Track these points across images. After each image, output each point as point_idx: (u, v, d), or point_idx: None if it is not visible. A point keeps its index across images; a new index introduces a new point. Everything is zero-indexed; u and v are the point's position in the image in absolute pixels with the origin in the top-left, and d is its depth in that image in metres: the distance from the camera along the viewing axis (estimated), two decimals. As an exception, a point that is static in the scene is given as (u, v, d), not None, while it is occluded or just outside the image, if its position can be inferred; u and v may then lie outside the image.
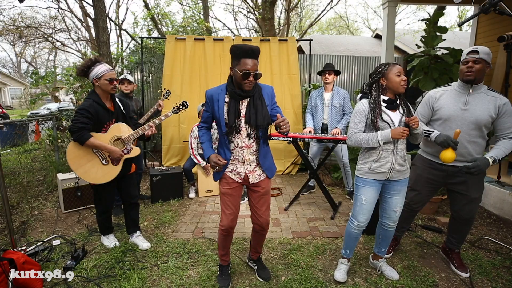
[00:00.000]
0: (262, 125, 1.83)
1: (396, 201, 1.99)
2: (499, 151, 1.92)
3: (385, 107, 1.90)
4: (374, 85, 1.92)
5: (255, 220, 2.04)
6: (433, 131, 2.03)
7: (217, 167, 1.87)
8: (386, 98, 1.90)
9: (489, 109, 1.92)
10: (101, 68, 2.26)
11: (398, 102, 1.92)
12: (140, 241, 2.65)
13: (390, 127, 1.86)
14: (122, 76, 3.39)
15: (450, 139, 1.91)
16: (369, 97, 1.93)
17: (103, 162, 2.36)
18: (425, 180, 2.18)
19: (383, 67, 1.90)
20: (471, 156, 2.00)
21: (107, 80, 2.26)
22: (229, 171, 1.95)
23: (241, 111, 1.85)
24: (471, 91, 1.98)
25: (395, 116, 1.90)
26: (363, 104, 1.93)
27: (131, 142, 2.45)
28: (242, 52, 1.75)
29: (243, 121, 1.85)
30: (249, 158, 1.92)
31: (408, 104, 1.94)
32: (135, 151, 2.48)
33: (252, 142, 1.90)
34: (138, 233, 2.70)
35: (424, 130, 2.05)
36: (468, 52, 1.96)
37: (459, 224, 2.18)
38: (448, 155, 1.91)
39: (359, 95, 2.03)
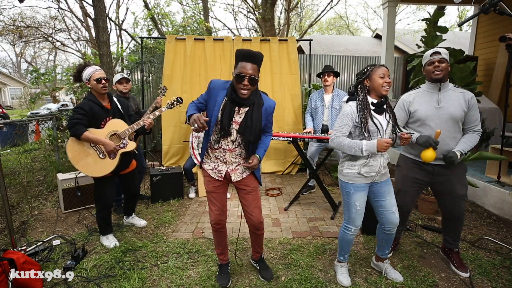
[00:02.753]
0: (252, 142, 1.84)
1: (390, 201, 1.97)
2: (465, 145, 2.03)
3: (373, 110, 1.87)
4: (359, 86, 1.91)
5: (247, 219, 2.05)
6: (413, 133, 2.09)
7: (196, 125, 1.67)
8: (374, 101, 1.88)
9: (460, 104, 2.02)
10: (89, 70, 2.43)
11: (384, 106, 1.90)
12: (136, 221, 3.02)
13: (379, 131, 1.85)
14: (120, 76, 3.37)
15: (431, 139, 1.97)
16: (357, 98, 1.91)
17: (100, 156, 2.49)
18: (411, 180, 2.21)
19: (368, 68, 1.89)
20: None
21: (95, 80, 2.42)
22: (210, 169, 1.96)
23: (235, 117, 1.81)
24: (440, 89, 2.07)
25: (383, 120, 1.88)
26: (351, 107, 1.88)
27: (126, 137, 2.55)
28: (241, 55, 1.73)
29: (234, 127, 1.82)
30: (230, 160, 1.93)
31: (393, 109, 1.96)
32: (131, 145, 2.58)
33: (236, 147, 1.90)
34: (133, 215, 3.04)
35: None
36: (430, 54, 2.07)
37: (451, 222, 2.21)
38: (428, 154, 1.96)
39: (346, 97, 2.01)
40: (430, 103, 2.08)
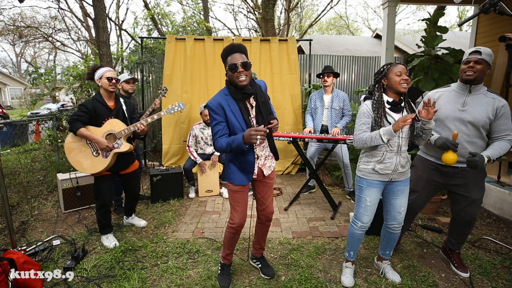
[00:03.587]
0: (269, 123, 1.88)
1: (400, 202, 1.97)
2: (494, 151, 1.91)
3: (389, 109, 1.87)
4: (376, 86, 1.92)
5: (261, 211, 2.10)
6: (432, 134, 2.02)
7: (261, 135, 1.68)
8: (390, 99, 1.87)
9: (487, 111, 1.92)
10: (103, 70, 2.54)
11: (402, 104, 1.88)
12: (136, 221, 3.03)
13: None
14: (128, 76, 3.39)
15: (449, 142, 1.90)
16: (372, 97, 1.91)
17: (94, 153, 2.53)
18: (426, 181, 2.16)
19: (385, 67, 1.89)
20: None
21: (106, 78, 2.50)
22: None
23: (251, 112, 1.88)
24: (469, 91, 1.98)
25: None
26: (367, 106, 1.90)
27: (122, 137, 2.57)
28: (226, 52, 1.81)
29: (254, 121, 1.88)
30: (260, 154, 1.96)
31: (413, 106, 1.91)
32: (125, 147, 2.59)
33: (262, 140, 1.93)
34: (133, 215, 3.06)
35: None
36: (470, 52, 1.95)
37: (460, 225, 2.17)
38: (449, 157, 1.90)
39: (363, 96, 2.00)
40: (455, 104, 2.00)
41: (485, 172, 2.11)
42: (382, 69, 1.90)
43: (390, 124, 1.84)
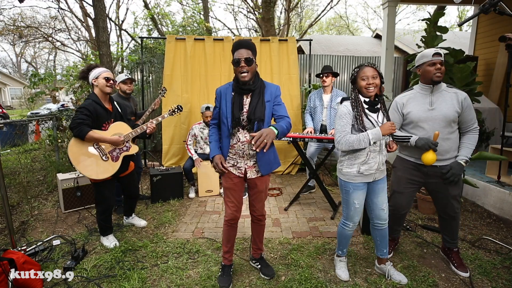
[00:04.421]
0: (254, 119, 1.88)
1: (382, 199, 2.01)
2: (467, 150, 2.03)
3: (367, 108, 1.92)
4: (352, 87, 1.98)
5: (251, 211, 2.17)
6: (411, 136, 2.09)
7: (217, 169, 1.93)
8: (366, 99, 1.92)
9: (453, 105, 2.02)
10: (99, 69, 2.46)
11: (378, 106, 1.93)
12: (136, 221, 3.02)
13: (375, 127, 1.87)
14: (125, 76, 3.39)
15: (430, 142, 1.98)
16: (350, 98, 1.96)
17: (103, 158, 2.47)
18: (407, 181, 2.22)
19: (355, 69, 1.94)
20: (448, 153, 2.07)
21: (103, 78, 2.42)
22: (230, 166, 2.01)
23: (245, 106, 1.92)
24: (433, 91, 2.07)
25: (377, 119, 1.93)
26: (346, 106, 1.93)
27: (130, 140, 2.57)
28: (233, 47, 1.91)
29: (246, 115, 1.91)
30: (249, 153, 1.96)
31: (386, 108, 1.98)
32: (134, 149, 2.60)
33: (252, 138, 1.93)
34: (133, 215, 3.03)
35: (402, 136, 2.13)
36: (433, 54, 2.02)
37: (447, 221, 2.23)
38: (429, 157, 1.97)
39: (339, 99, 2.06)
40: (423, 105, 2.08)
41: (462, 173, 2.17)
42: (353, 72, 1.95)
43: (370, 122, 1.88)
